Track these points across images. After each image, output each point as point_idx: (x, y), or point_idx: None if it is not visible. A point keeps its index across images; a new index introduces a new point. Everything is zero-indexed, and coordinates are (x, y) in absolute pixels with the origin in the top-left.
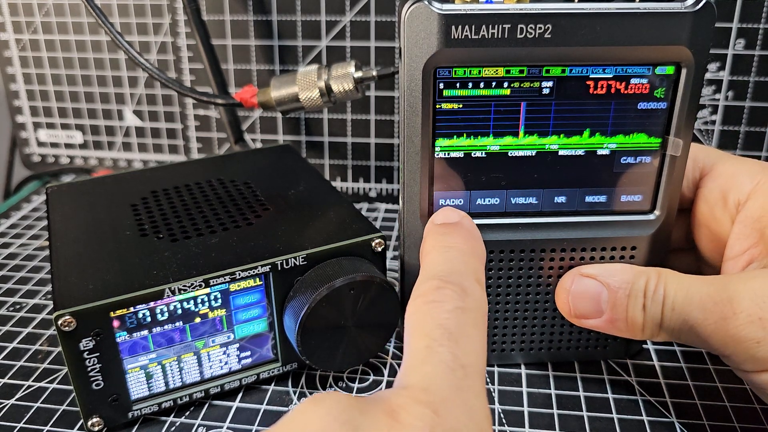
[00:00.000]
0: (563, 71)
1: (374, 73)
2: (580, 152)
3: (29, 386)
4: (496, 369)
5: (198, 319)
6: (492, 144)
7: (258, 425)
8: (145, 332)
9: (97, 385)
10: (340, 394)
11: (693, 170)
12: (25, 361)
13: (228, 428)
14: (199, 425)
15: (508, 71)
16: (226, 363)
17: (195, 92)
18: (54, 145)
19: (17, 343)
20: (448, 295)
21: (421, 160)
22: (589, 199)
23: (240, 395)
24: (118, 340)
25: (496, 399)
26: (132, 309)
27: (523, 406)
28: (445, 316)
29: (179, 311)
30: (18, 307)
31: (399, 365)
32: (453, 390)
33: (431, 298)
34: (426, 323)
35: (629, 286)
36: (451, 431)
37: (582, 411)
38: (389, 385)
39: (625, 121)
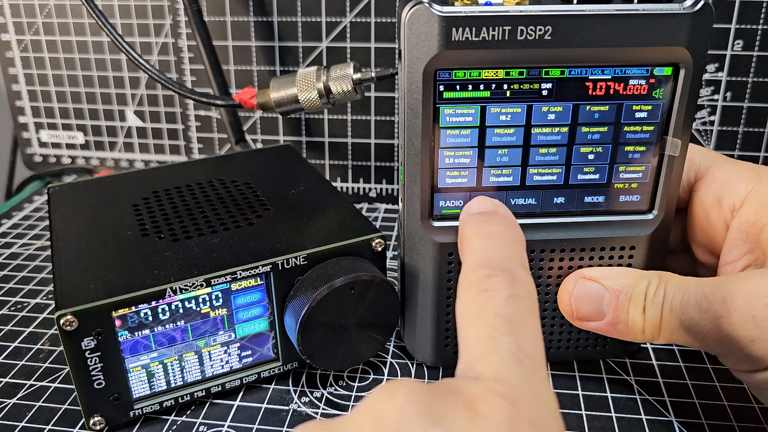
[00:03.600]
0: (562, 72)
1: (373, 74)
2: (579, 152)
3: (31, 385)
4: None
5: (199, 319)
6: None
7: (258, 424)
8: (146, 331)
9: (98, 384)
10: (415, 382)
11: (688, 172)
12: (26, 361)
13: (229, 427)
14: (200, 424)
15: (507, 73)
16: (227, 362)
17: (195, 93)
18: (56, 145)
19: (19, 343)
20: (501, 282)
21: (422, 161)
22: (587, 199)
23: (241, 394)
24: (120, 339)
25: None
26: (133, 308)
27: None
28: (502, 305)
29: (181, 310)
30: (20, 306)
31: (399, 365)
32: (525, 381)
33: (484, 287)
34: (484, 312)
35: (631, 289)
36: (528, 422)
37: (581, 410)
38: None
39: (624, 121)
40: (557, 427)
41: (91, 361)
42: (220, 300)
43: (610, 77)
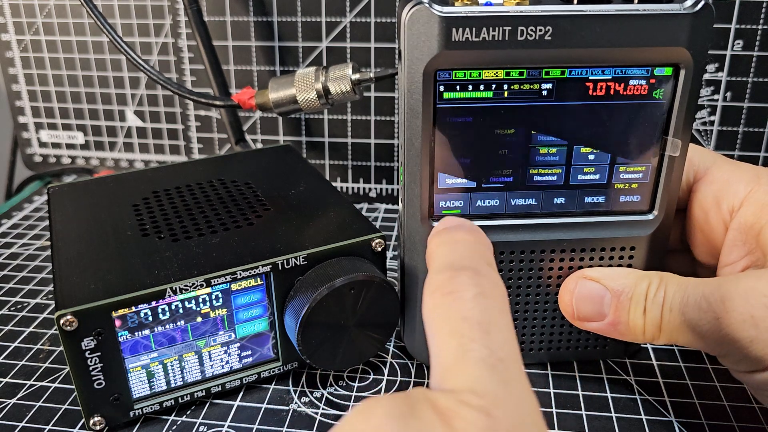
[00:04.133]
0: (563, 73)
1: (372, 75)
2: (579, 153)
3: (31, 385)
4: None
5: (199, 319)
6: None
7: (258, 424)
8: (146, 332)
9: (98, 384)
10: (390, 400)
11: (687, 173)
12: (26, 361)
13: (229, 427)
14: (200, 424)
15: (508, 73)
16: (227, 362)
17: (193, 94)
18: (56, 145)
19: (19, 343)
20: (465, 282)
21: (422, 162)
22: (588, 199)
23: (241, 394)
24: (120, 339)
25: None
26: (133, 308)
27: None
28: (469, 306)
29: (181, 310)
30: (20, 306)
31: (399, 365)
32: (499, 387)
33: (449, 289)
34: (450, 318)
35: (632, 289)
36: (506, 431)
37: (581, 410)
38: (389, 384)
39: (624, 121)
40: (537, 430)
41: (91, 361)
42: (220, 300)
43: (610, 77)
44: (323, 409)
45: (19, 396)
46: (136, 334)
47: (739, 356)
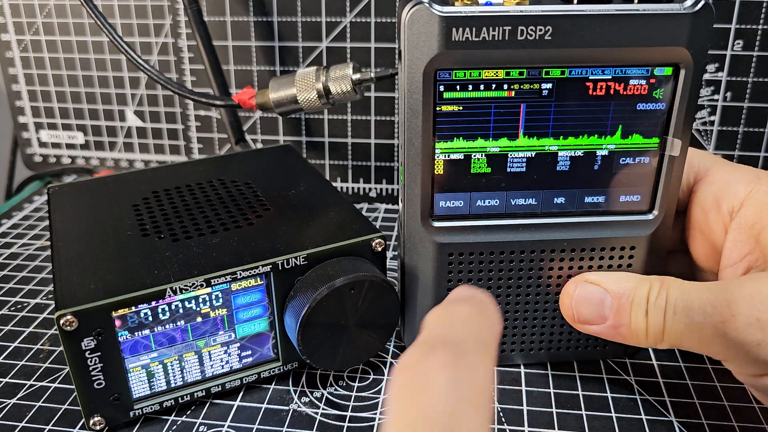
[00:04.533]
0: (563, 73)
1: (372, 74)
2: (580, 153)
3: (31, 385)
4: (495, 368)
5: (199, 319)
6: (492, 146)
7: (258, 424)
8: (146, 331)
9: (98, 384)
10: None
11: (687, 174)
12: (26, 361)
13: (229, 427)
14: (200, 424)
15: (508, 73)
16: (227, 362)
17: (194, 93)
18: (56, 145)
19: (19, 343)
20: (437, 364)
21: (422, 162)
22: (588, 199)
23: (241, 394)
24: (120, 339)
25: (495, 398)
26: (133, 308)
27: (522, 405)
28: (435, 400)
29: (181, 310)
30: (20, 306)
31: None
32: None
33: (417, 370)
34: (411, 409)
35: (632, 293)
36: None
37: (581, 410)
38: (389, 384)
39: (624, 121)
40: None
41: (91, 361)
42: (220, 300)
43: (610, 77)
44: (323, 409)
45: (19, 396)
46: (136, 334)
47: (745, 360)
